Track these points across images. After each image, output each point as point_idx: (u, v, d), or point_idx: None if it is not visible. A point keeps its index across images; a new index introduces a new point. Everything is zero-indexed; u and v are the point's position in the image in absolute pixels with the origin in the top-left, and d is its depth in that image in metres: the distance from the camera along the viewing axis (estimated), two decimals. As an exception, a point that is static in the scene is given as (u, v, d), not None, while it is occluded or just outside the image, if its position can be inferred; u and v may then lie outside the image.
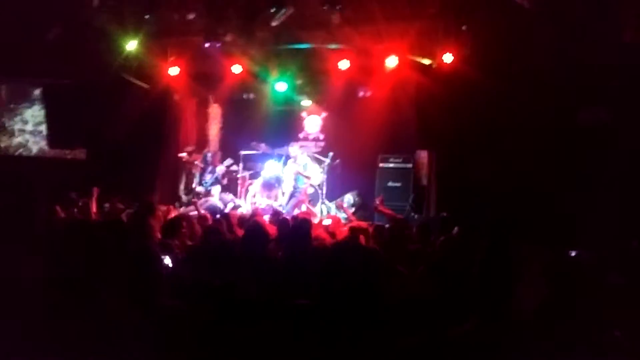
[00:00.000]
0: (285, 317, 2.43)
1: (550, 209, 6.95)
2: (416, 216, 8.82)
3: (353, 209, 9.72)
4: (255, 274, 3.79)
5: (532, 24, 7.37)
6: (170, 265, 3.79)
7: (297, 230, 4.49)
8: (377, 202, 8.44)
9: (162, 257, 3.72)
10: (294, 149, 9.39)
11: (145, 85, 10.33)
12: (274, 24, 7.96)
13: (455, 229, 6.49)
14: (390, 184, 9.92)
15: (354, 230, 5.68)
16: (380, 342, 2.24)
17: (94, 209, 6.89)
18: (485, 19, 7.94)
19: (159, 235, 5.07)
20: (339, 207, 8.86)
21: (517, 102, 7.61)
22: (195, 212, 7.87)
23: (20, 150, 11.33)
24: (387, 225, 6.99)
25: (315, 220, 7.50)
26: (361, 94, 10.65)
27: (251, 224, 4.63)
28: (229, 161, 9.84)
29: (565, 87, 7.50)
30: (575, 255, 3.92)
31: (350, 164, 10.11)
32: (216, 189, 9.71)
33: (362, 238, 5.47)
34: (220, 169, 9.62)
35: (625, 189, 6.84)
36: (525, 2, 7.13)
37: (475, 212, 7.47)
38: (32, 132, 11.25)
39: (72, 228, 3.47)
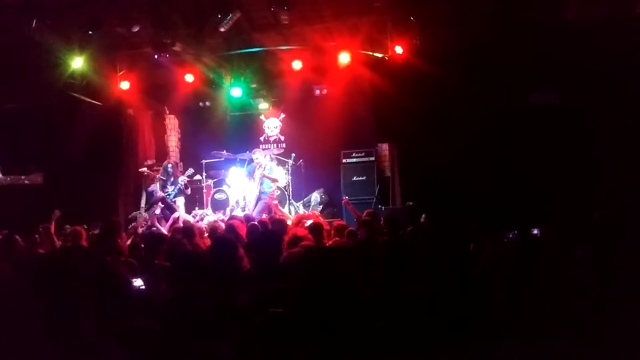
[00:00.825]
0: (261, 329, 2.42)
1: (510, 191, 7.14)
2: (383, 208, 8.92)
3: (320, 207, 9.77)
4: (227, 286, 3.76)
5: (478, 10, 7.52)
6: (142, 286, 3.71)
7: (269, 235, 4.47)
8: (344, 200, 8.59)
9: (133, 277, 3.65)
10: (256, 155, 9.31)
11: (96, 103, 10.07)
12: (222, 29, 7.86)
13: (423, 216, 6.67)
14: (355, 178, 10.00)
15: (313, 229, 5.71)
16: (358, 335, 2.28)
17: (52, 231, 6.67)
18: (433, 9, 8.09)
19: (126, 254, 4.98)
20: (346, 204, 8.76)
21: (468, 88, 7.76)
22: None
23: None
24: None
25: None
26: (317, 92, 10.67)
27: (218, 236, 4.57)
28: (190, 171, 9.70)
29: (514, 70, 7.72)
30: (537, 233, 4.04)
31: (314, 163, 10.15)
32: (180, 201, 9.56)
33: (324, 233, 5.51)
34: (183, 179, 9.46)
35: (580, 165, 7.11)
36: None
37: (439, 200, 7.65)
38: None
39: (34, 260, 3.35)
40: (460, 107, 7.85)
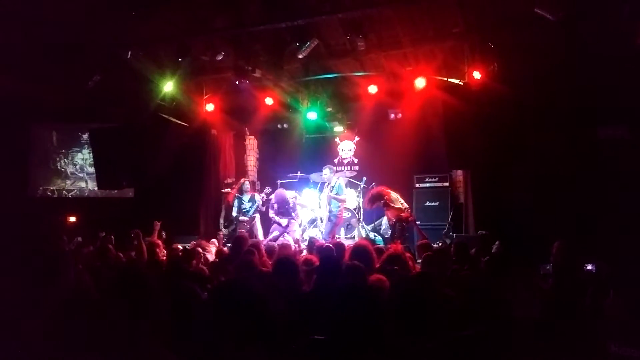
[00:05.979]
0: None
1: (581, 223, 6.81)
2: (455, 235, 8.77)
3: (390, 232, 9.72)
4: (285, 307, 3.89)
5: (556, 36, 7.30)
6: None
7: (326, 260, 4.58)
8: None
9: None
10: (325, 171, 9.48)
11: (183, 124, 10.77)
12: (300, 56, 8.17)
13: (496, 243, 6.50)
14: (427, 203, 9.93)
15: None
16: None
17: (155, 240, 7.16)
18: (511, 35, 7.94)
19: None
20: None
21: (544, 116, 7.52)
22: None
23: (73, 191, 12.04)
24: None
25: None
26: (392, 116, 10.71)
27: (280, 256, 4.75)
28: (268, 189, 10.08)
29: (585, 100, 7.41)
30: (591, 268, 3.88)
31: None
32: (257, 217, 9.90)
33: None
34: (261, 197, 9.85)
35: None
36: (549, 15, 7.05)
37: (512, 229, 7.41)
38: (82, 174, 11.98)
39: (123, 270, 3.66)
40: (534, 134, 7.60)
